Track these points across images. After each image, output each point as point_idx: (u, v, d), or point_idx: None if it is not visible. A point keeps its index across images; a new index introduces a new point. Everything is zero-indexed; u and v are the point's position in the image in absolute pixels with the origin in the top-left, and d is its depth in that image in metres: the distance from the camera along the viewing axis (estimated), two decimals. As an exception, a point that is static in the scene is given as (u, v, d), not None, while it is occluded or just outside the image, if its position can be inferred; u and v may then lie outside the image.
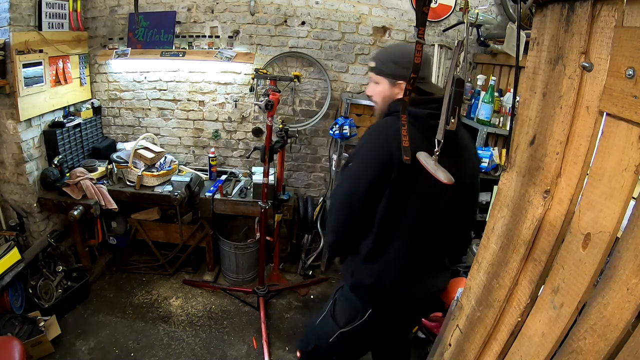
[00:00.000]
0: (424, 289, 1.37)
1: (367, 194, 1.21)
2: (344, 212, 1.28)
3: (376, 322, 1.35)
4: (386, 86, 1.30)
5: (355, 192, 1.23)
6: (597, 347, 0.75)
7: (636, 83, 0.66)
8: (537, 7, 0.97)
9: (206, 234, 2.82)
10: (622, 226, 0.74)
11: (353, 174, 1.25)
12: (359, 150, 1.28)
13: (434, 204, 1.25)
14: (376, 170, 1.18)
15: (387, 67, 1.29)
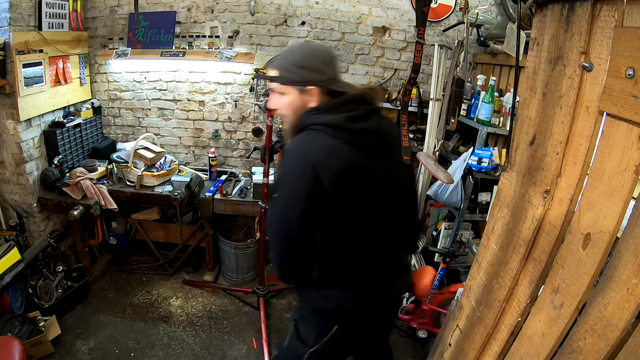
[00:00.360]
0: (388, 296, 1.33)
1: (301, 226, 1.10)
2: (282, 246, 1.17)
3: (345, 336, 1.29)
4: (295, 95, 1.16)
5: (287, 226, 1.12)
6: (597, 347, 0.75)
7: (636, 83, 0.66)
8: (537, 7, 0.97)
9: (206, 234, 2.82)
10: (622, 226, 0.74)
11: (281, 207, 1.13)
12: (280, 181, 1.15)
13: (375, 213, 1.18)
14: (306, 202, 1.08)
15: (293, 73, 1.15)
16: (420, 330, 2.50)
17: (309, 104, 1.16)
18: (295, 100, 1.17)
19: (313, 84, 1.14)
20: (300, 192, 1.08)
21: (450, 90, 1.75)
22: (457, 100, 1.77)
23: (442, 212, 2.79)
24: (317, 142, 1.09)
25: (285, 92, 1.18)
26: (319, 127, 1.11)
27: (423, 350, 2.42)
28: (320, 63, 1.15)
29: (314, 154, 1.07)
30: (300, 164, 1.08)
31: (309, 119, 1.14)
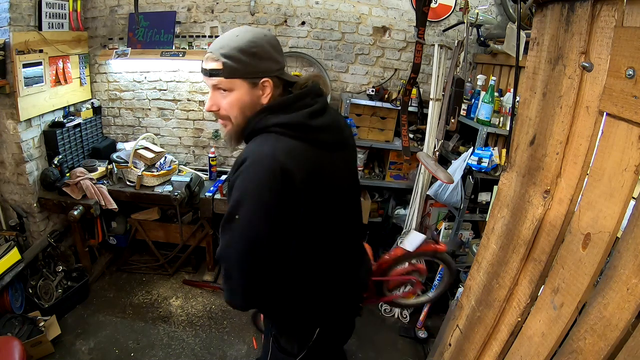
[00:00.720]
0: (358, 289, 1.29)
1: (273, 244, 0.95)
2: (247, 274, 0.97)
3: (329, 335, 1.25)
4: (245, 91, 0.97)
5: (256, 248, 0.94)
6: (597, 347, 0.75)
7: (636, 83, 0.66)
8: (537, 7, 0.97)
9: (206, 234, 2.82)
10: (622, 226, 0.74)
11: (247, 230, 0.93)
12: (241, 199, 0.92)
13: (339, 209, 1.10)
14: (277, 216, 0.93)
15: (242, 63, 0.95)
16: (420, 330, 2.50)
17: (261, 100, 0.99)
18: (244, 97, 0.98)
19: (267, 74, 0.98)
20: (269, 206, 0.92)
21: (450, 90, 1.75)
22: (457, 100, 1.78)
23: (442, 212, 2.79)
24: (280, 146, 0.94)
25: (233, 87, 0.97)
26: (277, 129, 0.96)
27: (423, 350, 2.42)
28: (272, 49, 0.98)
29: (280, 158, 0.91)
30: (266, 173, 0.90)
31: (264, 121, 0.97)
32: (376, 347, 2.41)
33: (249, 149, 0.96)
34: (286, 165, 0.91)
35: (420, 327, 2.51)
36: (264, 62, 0.97)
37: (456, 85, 1.86)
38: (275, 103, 1.00)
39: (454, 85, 1.86)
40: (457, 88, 1.86)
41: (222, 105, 1.00)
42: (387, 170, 2.91)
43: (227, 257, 0.97)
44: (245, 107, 0.99)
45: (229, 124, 1.03)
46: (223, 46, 0.96)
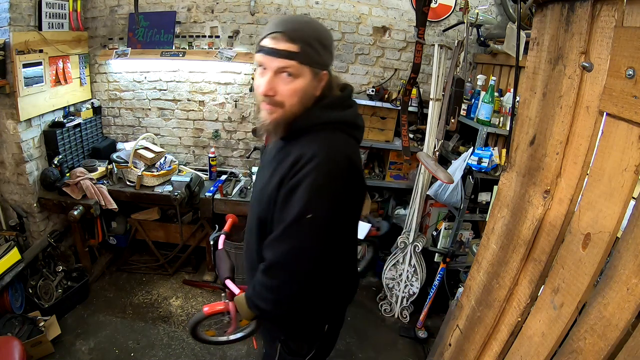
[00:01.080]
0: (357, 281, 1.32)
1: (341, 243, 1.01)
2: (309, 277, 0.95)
3: (335, 328, 1.28)
4: (309, 79, 0.93)
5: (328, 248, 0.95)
6: (597, 347, 0.75)
7: (636, 83, 0.66)
8: (537, 7, 0.97)
9: (206, 234, 2.82)
10: (622, 226, 0.74)
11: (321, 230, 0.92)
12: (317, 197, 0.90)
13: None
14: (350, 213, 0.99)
15: (316, 52, 0.92)
16: (420, 330, 2.50)
17: (315, 92, 0.97)
18: (307, 86, 0.94)
19: (327, 68, 0.97)
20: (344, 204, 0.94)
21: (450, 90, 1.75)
22: (457, 100, 1.77)
23: (442, 212, 2.79)
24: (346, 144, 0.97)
25: (301, 74, 0.92)
26: (338, 125, 0.98)
27: (423, 350, 2.42)
28: (331, 45, 0.97)
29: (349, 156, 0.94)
30: (341, 171, 0.91)
31: (325, 116, 0.96)
32: (376, 347, 2.41)
33: (316, 147, 0.92)
34: (354, 163, 0.94)
35: (420, 327, 2.51)
36: (329, 55, 0.96)
37: (456, 85, 1.86)
38: (335, 99, 0.99)
39: (454, 85, 1.86)
40: (457, 88, 1.86)
41: (280, 91, 0.93)
42: (387, 170, 2.92)
43: (293, 261, 0.93)
44: (305, 96, 0.95)
45: (279, 112, 0.95)
46: (299, 29, 0.90)
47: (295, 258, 0.93)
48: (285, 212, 0.93)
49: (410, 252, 2.57)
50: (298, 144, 0.96)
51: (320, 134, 0.95)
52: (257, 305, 1.00)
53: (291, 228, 0.91)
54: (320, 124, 0.96)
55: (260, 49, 0.93)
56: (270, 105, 0.95)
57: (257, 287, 1.00)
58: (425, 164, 2.03)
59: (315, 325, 1.19)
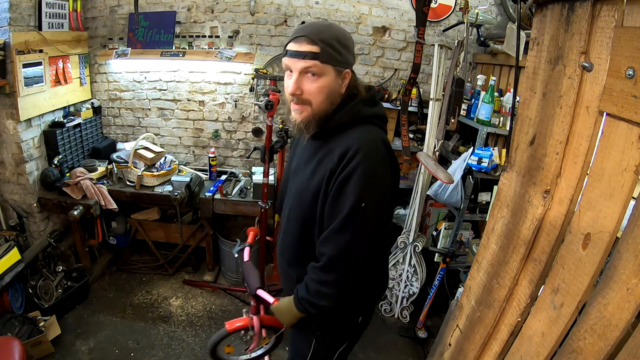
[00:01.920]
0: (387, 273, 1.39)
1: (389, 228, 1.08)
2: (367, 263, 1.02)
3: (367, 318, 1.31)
4: (332, 78, 1.00)
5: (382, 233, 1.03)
6: (597, 347, 0.75)
7: (636, 83, 0.66)
8: (537, 7, 0.97)
9: (206, 234, 2.82)
10: (622, 226, 0.74)
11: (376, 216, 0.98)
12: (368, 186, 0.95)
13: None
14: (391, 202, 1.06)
15: (337, 52, 0.99)
16: (420, 330, 2.50)
17: (340, 89, 1.04)
18: (332, 84, 1.01)
19: (349, 67, 1.04)
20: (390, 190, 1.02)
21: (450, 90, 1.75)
22: (457, 100, 1.77)
23: (442, 212, 2.79)
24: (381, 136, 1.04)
25: (324, 72, 0.99)
26: (374, 119, 1.06)
27: (423, 350, 2.42)
28: (352, 46, 1.05)
29: (388, 147, 1.02)
30: (384, 160, 1.00)
31: (365, 111, 1.04)
32: (376, 347, 2.41)
33: (359, 139, 0.98)
34: (391, 151, 1.03)
35: (420, 327, 2.51)
36: (350, 55, 1.03)
37: (456, 85, 1.86)
38: (369, 97, 1.08)
39: (454, 85, 1.85)
40: (457, 88, 1.85)
41: (307, 89, 1.00)
42: (387, 170, 2.91)
43: (354, 250, 0.97)
44: (330, 94, 1.02)
45: (308, 110, 1.03)
46: (319, 32, 0.98)
47: (356, 247, 0.97)
48: (339, 204, 0.97)
49: (410, 252, 2.57)
50: (339, 139, 1.02)
51: (360, 128, 1.03)
52: (314, 304, 1.04)
53: (349, 218, 0.95)
54: (361, 118, 1.04)
55: (285, 52, 1.01)
56: (299, 104, 1.03)
57: (313, 287, 1.03)
58: (425, 164, 2.03)
59: (350, 319, 1.22)
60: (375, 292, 1.29)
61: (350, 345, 1.32)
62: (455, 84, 1.84)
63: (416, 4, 2.22)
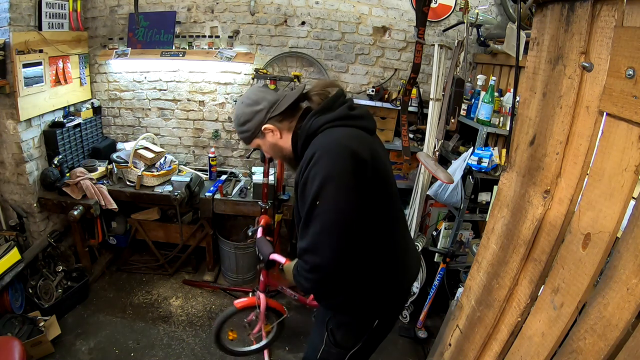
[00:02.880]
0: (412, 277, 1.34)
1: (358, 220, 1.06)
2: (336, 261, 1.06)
3: (384, 325, 1.33)
4: (265, 141, 1.22)
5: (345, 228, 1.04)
6: (597, 347, 0.75)
7: (636, 83, 0.66)
8: (537, 7, 0.97)
9: (206, 234, 2.82)
10: (622, 226, 0.74)
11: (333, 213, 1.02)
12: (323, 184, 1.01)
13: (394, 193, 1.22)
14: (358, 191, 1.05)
15: (243, 133, 1.22)
16: (420, 330, 2.50)
17: (278, 136, 1.21)
18: (266, 144, 1.24)
19: (261, 124, 1.19)
20: (349, 186, 1.02)
21: (450, 90, 1.75)
22: (457, 100, 1.77)
23: (442, 212, 2.79)
24: (341, 134, 1.08)
25: (258, 144, 1.25)
26: (329, 124, 1.11)
27: (423, 350, 2.42)
28: (248, 108, 1.19)
29: (345, 142, 1.05)
30: (339, 157, 1.02)
31: (316, 123, 1.12)
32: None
33: (315, 145, 1.08)
34: (352, 147, 1.04)
35: (420, 327, 2.51)
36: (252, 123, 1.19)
37: (456, 85, 1.86)
38: (320, 107, 1.14)
39: (454, 85, 1.86)
40: (457, 88, 1.86)
41: (269, 152, 1.27)
42: (387, 170, 2.91)
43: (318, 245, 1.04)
44: (274, 146, 1.23)
45: (279, 161, 1.32)
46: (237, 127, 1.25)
47: (320, 242, 1.04)
48: (303, 206, 1.08)
49: (410, 252, 2.56)
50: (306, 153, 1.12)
51: (318, 136, 1.11)
52: (300, 283, 1.16)
53: (308, 216, 1.05)
54: (315, 130, 1.12)
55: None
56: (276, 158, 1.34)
57: (297, 270, 1.15)
58: (425, 164, 2.03)
59: (364, 319, 1.26)
60: (392, 297, 1.27)
61: (364, 349, 1.34)
62: (455, 84, 1.84)
63: (416, 4, 2.22)
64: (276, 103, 1.19)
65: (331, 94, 1.18)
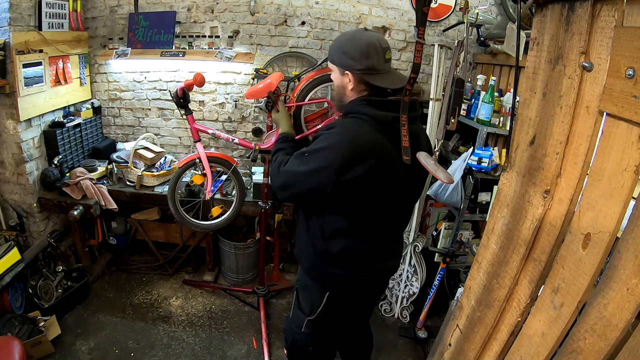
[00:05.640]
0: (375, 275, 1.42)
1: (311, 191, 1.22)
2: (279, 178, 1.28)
3: (336, 304, 1.41)
4: (337, 74, 1.30)
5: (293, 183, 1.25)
6: (597, 347, 0.75)
7: (636, 83, 0.66)
8: (537, 7, 0.97)
9: (206, 234, 2.82)
10: (622, 226, 0.74)
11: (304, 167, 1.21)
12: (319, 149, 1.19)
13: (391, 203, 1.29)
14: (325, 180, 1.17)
15: (336, 56, 1.27)
16: (420, 330, 2.50)
17: (348, 86, 1.27)
18: (337, 79, 1.30)
19: (350, 69, 1.24)
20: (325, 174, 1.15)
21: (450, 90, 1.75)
22: (457, 100, 1.77)
23: (442, 212, 2.79)
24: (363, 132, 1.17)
25: (332, 69, 1.31)
26: (367, 118, 1.19)
27: (423, 350, 2.42)
28: (358, 53, 1.21)
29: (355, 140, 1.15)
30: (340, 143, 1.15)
31: (359, 107, 1.21)
32: (376, 347, 2.40)
33: (342, 122, 1.25)
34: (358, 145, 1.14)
35: (420, 327, 2.51)
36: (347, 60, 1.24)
37: (456, 85, 1.85)
38: (372, 99, 1.23)
39: (454, 85, 1.85)
40: (457, 88, 1.85)
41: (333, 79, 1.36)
42: (387, 170, 2.91)
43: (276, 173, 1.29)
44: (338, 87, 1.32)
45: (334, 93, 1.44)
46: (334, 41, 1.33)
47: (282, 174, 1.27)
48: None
49: (410, 252, 2.57)
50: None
51: (350, 116, 1.24)
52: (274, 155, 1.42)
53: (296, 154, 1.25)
54: (352, 112, 1.24)
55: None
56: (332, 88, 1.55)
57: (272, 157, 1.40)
58: (425, 164, 2.02)
59: (318, 289, 1.39)
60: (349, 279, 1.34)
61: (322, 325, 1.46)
62: (455, 84, 1.84)
63: (416, 4, 2.21)
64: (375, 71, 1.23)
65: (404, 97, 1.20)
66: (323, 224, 1.29)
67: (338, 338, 1.66)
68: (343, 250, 1.30)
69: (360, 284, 1.39)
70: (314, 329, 1.47)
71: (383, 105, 1.20)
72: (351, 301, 1.45)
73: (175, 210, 2.21)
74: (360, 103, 1.22)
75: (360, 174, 1.14)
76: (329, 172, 1.15)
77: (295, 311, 1.51)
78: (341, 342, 1.83)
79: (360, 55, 1.21)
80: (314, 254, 1.35)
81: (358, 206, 1.22)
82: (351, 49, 1.22)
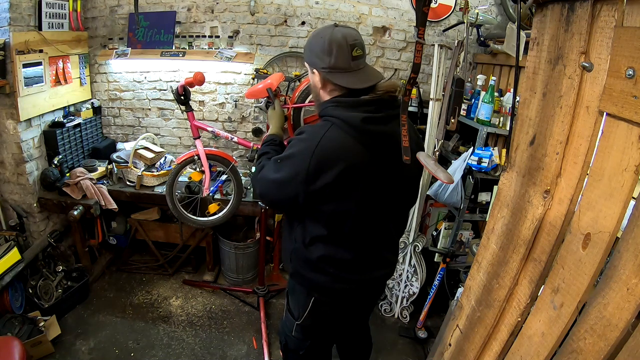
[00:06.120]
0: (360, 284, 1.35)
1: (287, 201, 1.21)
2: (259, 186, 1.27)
3: (323, 311, 1.37)
4: (310, 73, 1.26)
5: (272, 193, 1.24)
6: (597, 347, 0.75)
7: (636, 83, 0.66)
8: (537, 7, 0.97)
9: (206, 234, 2.82)
10: (622, 226, 0.74)
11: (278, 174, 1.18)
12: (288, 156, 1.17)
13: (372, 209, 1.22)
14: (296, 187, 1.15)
15: (306, 53, 1.25)
16: (420, 330, 2.50)
17: (318, 84, 1.23)
18: (310, 77, 1.27)
19: (315, 67, 1.20)
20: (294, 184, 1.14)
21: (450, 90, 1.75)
22: (457, 100, 1.77)
23: (442, 212, 2.79)
24: (331, 137, 1.12)
25: (306, 67, 1.28)
26: (336, 120, 1.14)
27: (423, 350, 2.42)
28: (320, 50, 1.17)
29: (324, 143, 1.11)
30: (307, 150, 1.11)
31: (328, 110, 1.18)
32: (376, 347, 2.41)
33: (310, 127, 1.23)
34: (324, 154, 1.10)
35: (420, 327, 2.51)
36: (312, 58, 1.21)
37: (456, 85, 1.85)
38: (341, 100, 1.18)
39: (454, 85, 1.85)
40: (457, 88, 1.85)
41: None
42: (387, 170, 2.91)
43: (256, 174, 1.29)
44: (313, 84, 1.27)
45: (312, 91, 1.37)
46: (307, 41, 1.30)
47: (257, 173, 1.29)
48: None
49: (410, 252, 2.57)
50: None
51: (322, 120, 1.20)
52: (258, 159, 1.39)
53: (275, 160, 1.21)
54: (323, 115, 1.20)
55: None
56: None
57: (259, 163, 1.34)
58: (425, 164, 2.02)
59: (305, 293, 1.36)
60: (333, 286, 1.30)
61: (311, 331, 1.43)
62: (456, 84, 1.84)
63: (416, 4, 2.21)
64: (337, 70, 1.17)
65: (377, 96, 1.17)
66: (304, 230, 1.26)
67: (331, 343, 1.62)
68: (322, 258, 1.25)
69: (342, 292, 1.33)
70: (304, 333, 1.45)
71: (353, 106, 1.15)
72: (338, 308, 1.40)
73: (172, 206, 2.22)
74: (329, 105, 1.18)
75: (330, 181, 1.10)
76: (296, 182, 1.12)
77: (287, 314, 1.48)
78: (339, 346, 1.81)
79: (322, 52, 1.16)
80: (297, 259, 1.32)
81: (334, 213, 1.18)
82: (315, 46, 1.18)
